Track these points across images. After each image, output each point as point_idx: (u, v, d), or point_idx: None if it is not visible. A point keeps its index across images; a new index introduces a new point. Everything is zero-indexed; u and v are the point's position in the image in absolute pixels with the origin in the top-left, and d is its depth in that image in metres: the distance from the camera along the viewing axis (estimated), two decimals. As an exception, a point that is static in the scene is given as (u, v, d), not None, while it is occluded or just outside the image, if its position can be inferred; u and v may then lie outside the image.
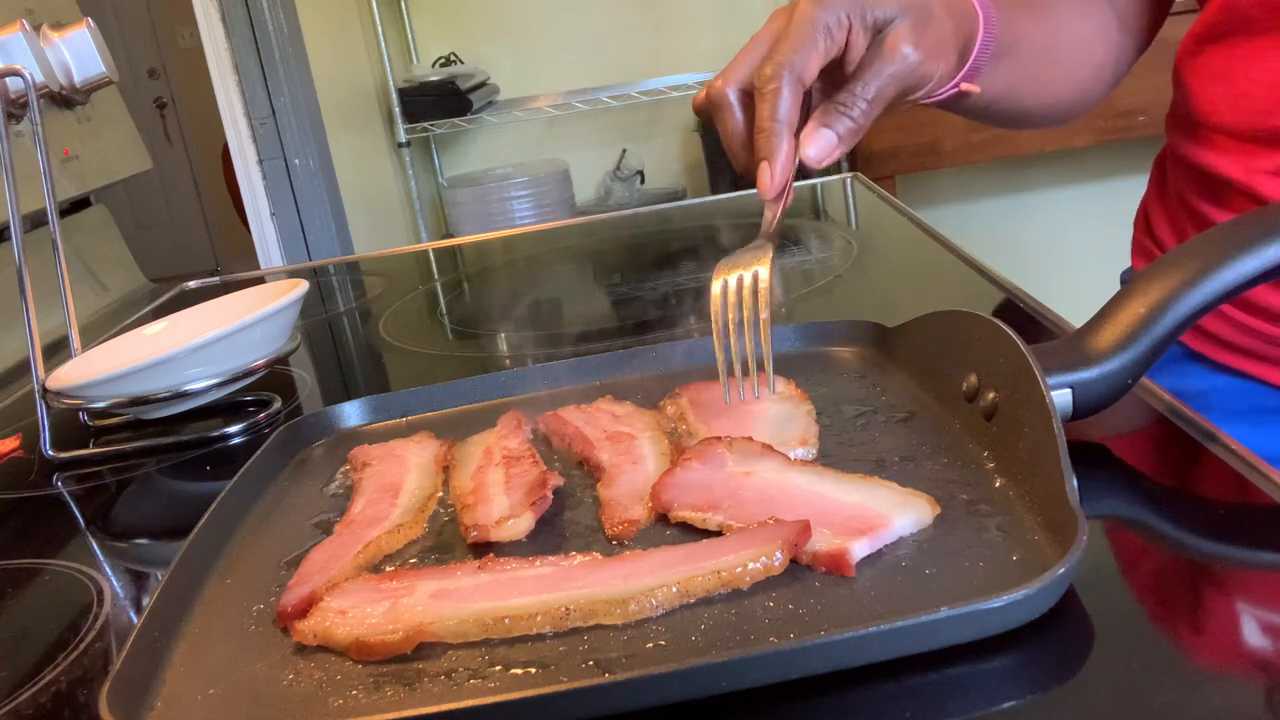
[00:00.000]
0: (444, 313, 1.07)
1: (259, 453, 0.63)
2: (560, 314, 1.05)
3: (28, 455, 0.79)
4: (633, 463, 0.57)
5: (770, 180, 0.58)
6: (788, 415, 0.60)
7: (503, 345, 0.94)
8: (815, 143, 0.59)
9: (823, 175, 1.42)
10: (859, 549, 0.45)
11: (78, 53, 0.97)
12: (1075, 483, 0.44)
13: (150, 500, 0.71)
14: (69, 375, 0.78)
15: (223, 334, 0.74)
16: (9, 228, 0.81)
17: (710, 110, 0.62)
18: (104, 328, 1.13)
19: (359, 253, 1.91)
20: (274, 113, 2.38)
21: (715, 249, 1.16)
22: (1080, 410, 0.52)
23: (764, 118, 0.58)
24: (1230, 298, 0.52)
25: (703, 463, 0.55)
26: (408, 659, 0.43)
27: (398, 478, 0.59)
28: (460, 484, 0.58)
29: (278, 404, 0.80)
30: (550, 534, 0.52)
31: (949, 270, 0.91)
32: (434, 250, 1.39)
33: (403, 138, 2.62)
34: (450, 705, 0.38)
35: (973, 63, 0.67)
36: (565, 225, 1.45)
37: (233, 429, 0.76)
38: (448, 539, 0.54)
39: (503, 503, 0.54)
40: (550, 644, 0.43)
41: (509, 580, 0.46)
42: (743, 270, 0.58)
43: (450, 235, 2.60)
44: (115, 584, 0.57)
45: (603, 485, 0.55)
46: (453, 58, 2.67)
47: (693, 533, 0.50)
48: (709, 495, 0.52)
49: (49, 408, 0.77)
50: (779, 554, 0.44)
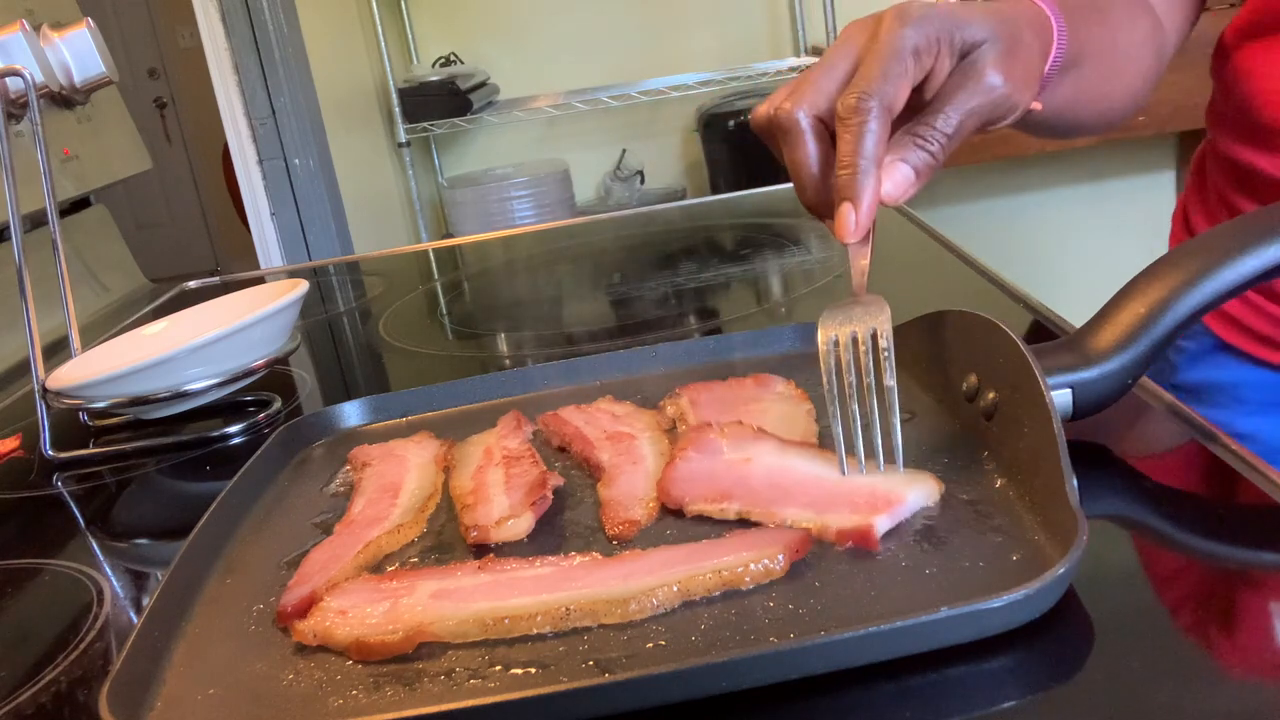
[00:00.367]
0: (444, 313, 1.07)
1: (259, 453, 0.63)
2: (560, 314, 1.05)
3: (28, 455, 0.79)
4: (633, 463, 0.57)
5: (855, 225, 0.52)
6: (788, 415, 0.60)
7: (503, 345, 0.94)
8: (892, 178, 0.52)
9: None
10: (882, 523, 0.47)
11: (78, 53, 0.97)
12: (1075, 483, 0.44)
13: (150, 500, 0.71)
14: (69, 375, 0.78)
15: (223, 334, 0.74)
16: (9, 228, 0.81)
17: (775, 134, 0.55)
18: (104, 328, 1.13)
19: (359, 253, 1.91)
20: (274, 113, 2.38)
21: (715, 249, 1.17)
22: (1080, 410, 0.52)
23: (848, 153, 0.51)
24: (1230, 298, 0.52)
25: (699, 451, 0.55)
26: (408, 659, 0.43)
27: (398, 478, 0.59)
28: (460, 484, 0.58)
29: (278, 404, 0.80)
30: (550, 534, 0.52)
31: (949, 270, 0.91)
32: (434, 250, 1.39)
33: (403, 138, 2.62)
34: (450, 705, 0.38)
35: (1043, 80, 0.61)
36: (565, 225, 1.45)
37: (233, 429, 0.76)
38: (448, 539, 0.54)
39: (503, 503, 0.54)
40: (550, 644, 0.43)
41: (509, 580, 0.46)
42: (857, 327, 0.52)
43: (450, 235, 2.60)
44: (115, 584, 0.57)
45: (603, 485, 0.55)
46: (453, 58, 2.67)
47: (692, 533, 0.50)
48: (717, 485, 0.52)
49: (49, 408, 0.77)
50: (780, 556, 0.44)
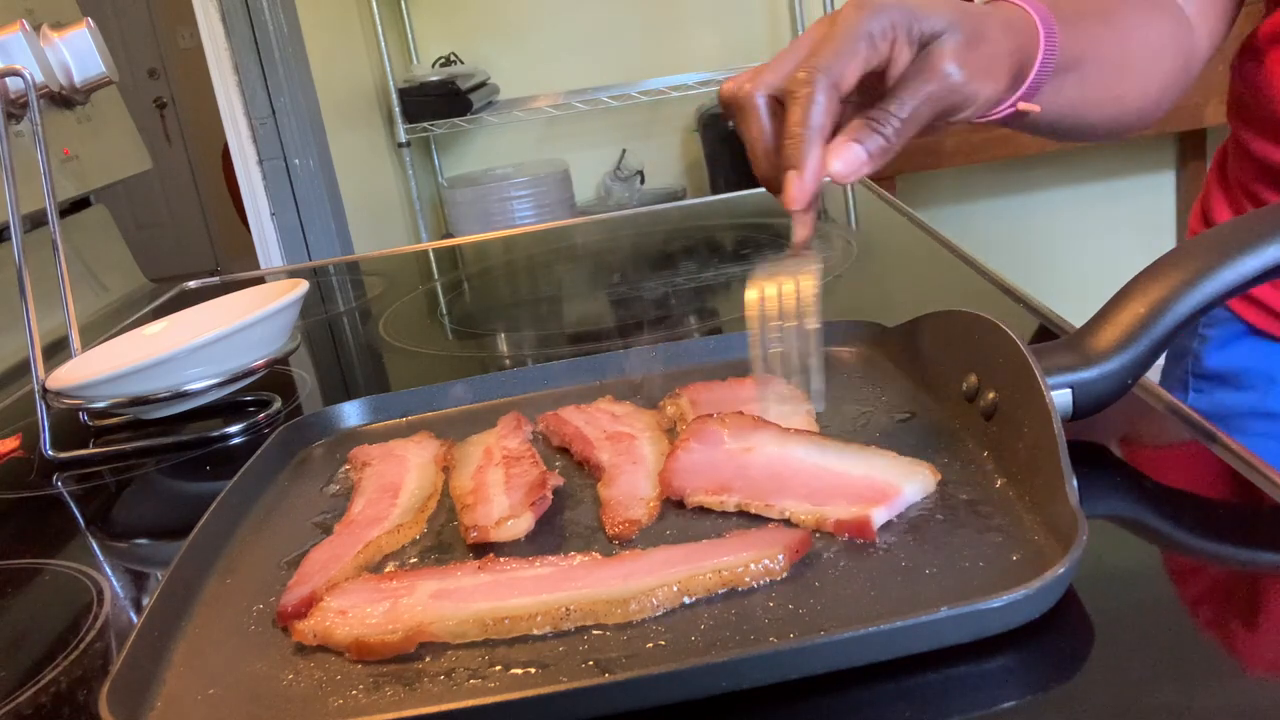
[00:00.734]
0: (444, 313, 1.07)
1: (259, 453, 0.63)
2: (560, 314, 1.05)
3: (28, 455, 0.79)
4: (633, 463, 0.57)
5: (798, 190, 0.53)
6: (788, 415, 0.60)
7: (503, 345, 0.94)
8: (842, 157, 0.53)
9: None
10: (879, 515, 0.47)
11: (78, 53, 0.97)
12: (1075, 483, 0.44)
13: (150, 500, 0.71)
14: (69, 375, 0.78)
15: (223, 334, 0.74)
16: (9, 228, 0.81)
17: (734, 111, 0.57)
18: (104, 328, 1.13)
19: (359, 253, 1.91)
20: (274, 113, 2.38)
21: (715, 249, 1.17)
22: (1080, 410, 0.52)
23: (794, 123, 0.52)
24: (1230, 297, 0.52)
25: (700, 442, 0.55)
26: (408, 659, 0.43)
27: (398, 478, 0.59)
28: (460, 484, 0.58)
29: (278, 404, 0.80)
30: (550, 534, 0.52)
31: (949, 270, 0.91)
32: (434, 250, 1.39)
33: (403, 138, 2.62)
34: (450, 705, 0.38)
35: (1031, 82, 0.61)
36: (565, 225, 1.45)
37: (233, 429, 0.76)
38: (447, 539, 0.54)
39: (503, 503, 0.54)
40: (550, 644, 0.43)
41: (509, 580, 0.46)
42: (785, 279, 0.53)
43: (450, 235, 2.60)
44: (115, 584, 0.57)
45: (603, 485, 0.55)
46: (453, 58, 2.67)
47: (692, 531, 0.50)
48: (717, 476, 0.52)
49: (49, 408, 0.77)
50: (780, 556, 0.44)
